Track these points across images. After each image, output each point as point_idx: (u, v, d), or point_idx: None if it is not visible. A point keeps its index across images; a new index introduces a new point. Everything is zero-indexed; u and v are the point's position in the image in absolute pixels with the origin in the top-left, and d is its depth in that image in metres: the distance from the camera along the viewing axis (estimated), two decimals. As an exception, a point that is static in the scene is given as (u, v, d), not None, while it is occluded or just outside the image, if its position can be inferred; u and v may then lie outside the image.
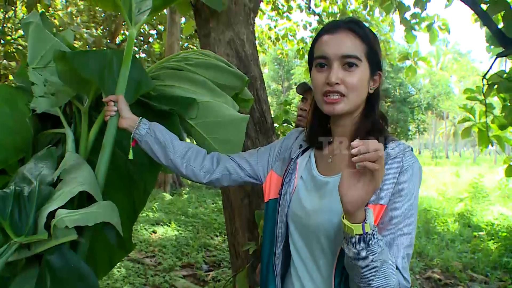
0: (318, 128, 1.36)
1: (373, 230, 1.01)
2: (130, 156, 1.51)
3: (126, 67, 1.55)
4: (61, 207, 1.23)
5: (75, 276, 1.18)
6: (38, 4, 7.37)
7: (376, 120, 1.27)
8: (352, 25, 1.22)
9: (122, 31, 14.40)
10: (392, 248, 1.10)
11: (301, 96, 2.71)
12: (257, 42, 11.75)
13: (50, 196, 1.29)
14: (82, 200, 1.42)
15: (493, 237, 7.18)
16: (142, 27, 13.79)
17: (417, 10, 5.79)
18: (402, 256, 1.10)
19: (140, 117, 1.51)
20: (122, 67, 1.55)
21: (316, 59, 1.26)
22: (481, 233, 7.55)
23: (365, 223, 1.00)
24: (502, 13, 3.64)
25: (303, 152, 1.39)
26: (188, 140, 1.72)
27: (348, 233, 1.02)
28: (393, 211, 1.14)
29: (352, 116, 1.27)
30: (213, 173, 1.51)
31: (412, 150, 1.23)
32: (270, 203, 1.40)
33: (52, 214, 1.21)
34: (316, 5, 9.78)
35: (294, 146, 1.43)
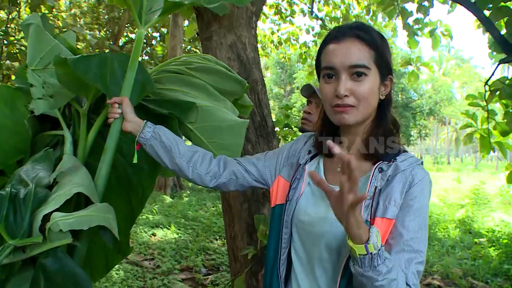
0: (327, 136, 1.33)
1: (379, 250, 0.99)
2: (135, 160, 1.49)
3: (132, 69, 1.54)
4: (58, 209, 1.22)
5: (69, 280, 1.17)
6: (41, 6, 7.40)
7: (388, 127, 1.24)
8: (358, 31, 1.18)
9: (125, 33, 14.45)
10: (403, 265, 1.08)
11: (304, 99, 2.70)
12: (259, 45, 11.81)
13: (46, 199, 1.28)
14: (79, 202, 1.41)
15: (494, 244, 7.15)
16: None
17: (420, 15, 5.80)
18: (413, 273, 1.08)
19: (145, 120, 1.49)
20: (129, 69, 1.54)
21: (323, 70, 1.22)
22: (482, 239, 7.52)
23: (368, 243, 0.98)
24: (505, 19, 3.64)
25: (312, 158, 1.36)
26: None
27: (352, 253, 1.01)
28: (403, 227, 1.11)
29: (363, 125, 1.24)
30: (219, 178, 1.48)
31: (422, 163, 1.20)
32: (276, 208, 1.37)
33: (48, 217, 1.20)
34: (319, 10, 9.81)
35: (302, 152, 1.40)
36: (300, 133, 2.35)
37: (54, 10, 11.14)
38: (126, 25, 13.77)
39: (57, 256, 1.19)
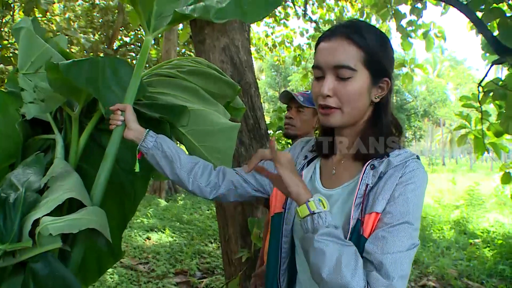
0: (323, 137, 1.30)
1: (320, 212, 1.03)
2: (137, 169, 1.47)
3: (137, 76, 1.54)
4: (49, 214, 1.22)
5: (59, 285, 1.16)
6: (35, 9, 7.38)
7: (385, 130, 1.18)
8: (349, 30, 1.12)
9: (119, 37, 14.43)
10: (378, 251, 1.01)
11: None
12: (254, 49, 11.84)
13: (36, 203, 1.27)
14: (72, 207, 1.40)
15: (488, 245, 7.16)
16: (139, 32, 13.85)
17: (413, 17, 5.83)
18: (392, 262, 0.99)
19: (147, 129, 1.47)
20: (133, 77, 1.53)
21: (313, 68, 1.19)
22: (476, 240, 7.53)
23: (309, 201, 1.04)
24: (497, 20, 3.66)
25: (308, 163, 1.33)
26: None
27: (298, 219, 1.08)
28: (386, 215, 1.05)
29: (355, 126, 1.20)
30: (219, 189, 1.46)
31: (418, 158, 1.14)
32: (275, 217, 1.33)
33: (38, 221, 1.19)
34: (313, 12, 9.84)
35: (299, 157, 1.37)
36: (285, 138, 2.35)
37: (48, 13, 11.12)
38: (120, 29, 13.75)
39: (47, 261, 1.19)
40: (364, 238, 1.06)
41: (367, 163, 1.14)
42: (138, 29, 13.02)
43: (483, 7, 3.70)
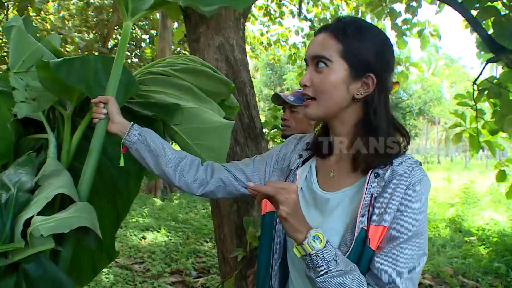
0: (323, 136, 1.26)
1: (317, 251, 0.98)
2: (122, 164, 1.43)
3: (118, 66, 1.49)
4: (41, 213, 1.20)
5: (52, 286, 1.15)
6: (29, 8, 7.34)
7: (378, 130, 1.13)
8: (335, 25, 1.14)
9: (114, 36, 14.39)
10: (391, 266, 1.01)
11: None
12: (249, 47, 11.84)
13: (28, 203, 1.26)
14: (64, 204, 1.38)
15: (484, 242, 7.18)
16: (134, 31, 13.78)
17: (408, 16, 5.85)
18: (406, 278, 1.01)
19: (132, 122, 1.42)
20: (114, 66, 1.49)
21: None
22: (472, 238, 7.56)
23: (303, 244, 0.99)
24: (492, 19, 3.66)
25: (303, 162, 1.29)
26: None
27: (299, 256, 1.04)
28: (395, 228, 1.04)
29: (343, 124, 1.17)
30: (207, 185, 1.41)
31: (420, 164, 1.12)
32: (266, 216, 1.30)
33: (30, 221, 1.18)
34: (308, 11, 9.85)
35: (293, 156, 1.33)
36: (282, 138, 2.34)
37: (42, 12, 11.08)
38: (115, 28, 13.71)
39: (39, 262, 1.17)
40: (369, 249, 1.04)
41: (371, 171, 1.11)
42: (133, 28, 13.00)
43: (477, 5, 3.70)
